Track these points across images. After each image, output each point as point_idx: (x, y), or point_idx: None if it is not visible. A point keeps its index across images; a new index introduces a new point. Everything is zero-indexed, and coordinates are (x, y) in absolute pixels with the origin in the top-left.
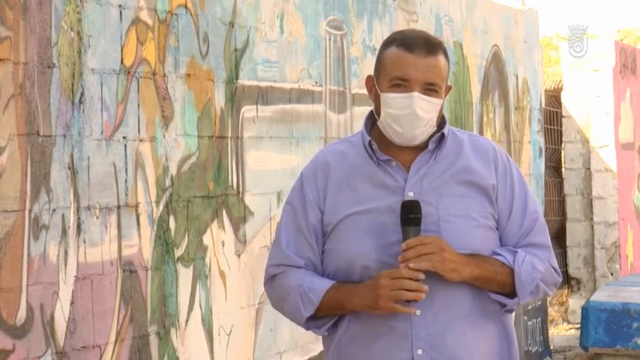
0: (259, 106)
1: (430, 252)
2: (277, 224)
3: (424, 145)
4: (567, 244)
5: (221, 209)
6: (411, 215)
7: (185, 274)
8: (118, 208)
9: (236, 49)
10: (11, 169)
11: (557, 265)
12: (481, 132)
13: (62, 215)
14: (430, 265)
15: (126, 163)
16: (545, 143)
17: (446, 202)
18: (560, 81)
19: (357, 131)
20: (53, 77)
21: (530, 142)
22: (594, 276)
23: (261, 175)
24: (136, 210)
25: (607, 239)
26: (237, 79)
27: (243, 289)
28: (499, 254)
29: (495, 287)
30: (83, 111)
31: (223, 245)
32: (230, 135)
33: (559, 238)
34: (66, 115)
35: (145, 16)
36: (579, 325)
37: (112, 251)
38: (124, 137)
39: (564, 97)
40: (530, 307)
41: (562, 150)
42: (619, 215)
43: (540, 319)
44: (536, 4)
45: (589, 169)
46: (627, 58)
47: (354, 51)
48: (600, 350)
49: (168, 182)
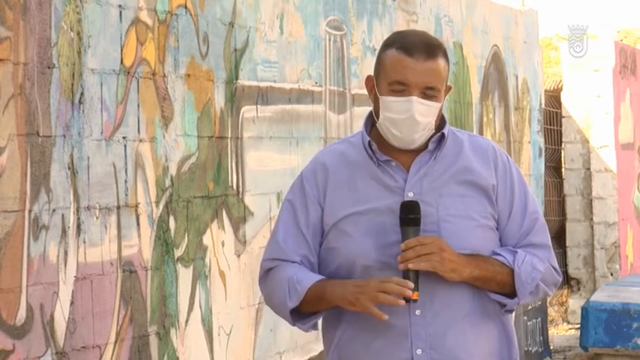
0: (259, 106)
1: (429, 252)
2: (275, 221)
3: (424, 145)
4: (567, 245)
5: (221, 209)
6: (410, 216)
7: (185, 275)
8: (118, 208)
9: (236, 50)
10: (11, 169)
11: (557, 264)
12: (481, 132)
13: (62, 215)
14: (429, 265)
15: (126, 163)
16: (545, 143)
17: (446, 202)
18: (560, 81)
19: (357, 131)
20: (53, 77)
21: (530, 143)
22: (594, 276)
23: (261, 175)
24: (136, 210)
25: (607, 239)
26: (237, 79)
27: (243, 289)
28: (499, 254)
29: (495, 287)
30: (83, 111)
31: (223, 245)
32: (230, 135)
33: (559, 238)
34: (66, 115)
35: (145, 16)
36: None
37: (111, 251)
38: (124, 137)
39: (564, 98)
40: (530, 307)
41: (562, 150)
42: (619, 215)
43: (540, 319)
44: (536, 4)
45: (589, 169)
46: (627, 59)
47: (354, 51)
48: (600, 350)
49: (168, 182)
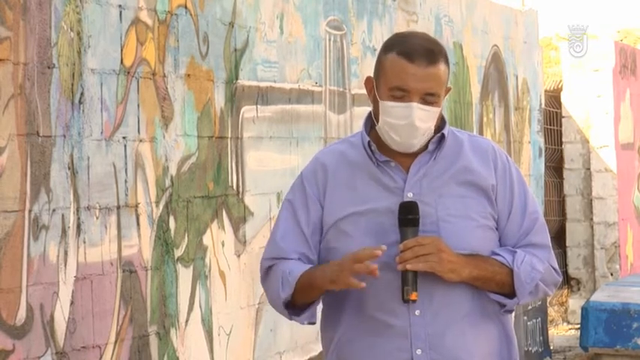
0: (259, 106)
1: (428, 253)
2: (275, 220)
3: (424, 146)
4: (567, 245)
5: (221, 209)
6: (408, 216)
7: (185, 275)
8: (118, 208)
9: (236, 50)
10: (11, 169)
11: (556, 264)
12: (481, 132)
13: (62, 215)
14: (428, 266)
15: (126, 163)
16: (545, 143)
17: (445, 203)
18: (560, 81)
19: (357, 131)
20: (53, 77)
21: (530, 143)
22: (594, 276)
23: (261, 175)
24: (136, 210)
25: (607, 239)
26: (237, 79)
27: (243, 289)
28: (498, 254)
29: (495, 287)
30: (83, 111)
31: (223, 245)
32: (230, 135)
33: (559, 238)
34: (66, 115)
35: (145, 16)
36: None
37: (111, 251)
38: (124, 137)
39: (564, 98)
40: (530, 307)
41: (562, 150)
42: (619, 215)
43: (540, 319)
44: (536, 4)
45: (589, 169)
46: (627, 59)
47: (354, 51)
48: (600, 350)
49: (168, 182)
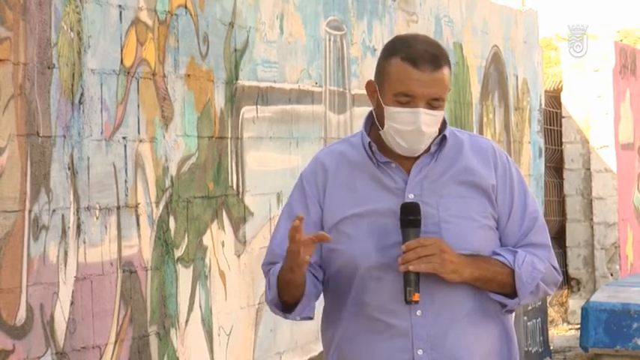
0: (259, 106)
1: (430, 254)
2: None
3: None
4: (567, 245)
5: (221, 210)
6: (410, 217)
7: (185, 275)
8: (118, 208)
9: (236, 50)
10: (11, 169)
11: (557, 264)
12: (481, 132)
13: (62, 215)
14: (430, 267)
15: (126, 163)
16: (545, 144)
17: (446, 203)
18: (560, 81)
19: (357, 131)
20: (53, 78)
21: (530, 143)
22: (594, 276)
23: (261, 175)
24: (136, 210)
25: (607, 240)
26: (237, 79)
27: (243, 290)
28: (499, 254)
29: (496, 287)
30: (83, 111)
31: (223, 246)
32: (230, 135)
33: (559, 238)
34: (66, 115)
35: (145, 16)
36: (579, 325)
37: (111, 252)
38: (124, 138)
39: (564, 98)
40: (530, 307)
41: (562, 150)
42: (619, 216)
43: (540, 319)
44: (536, 4)
45: (589, 169)
46: (627, 59)
47: (354, 51)
48: (600, 351)
49: (168, 183)
